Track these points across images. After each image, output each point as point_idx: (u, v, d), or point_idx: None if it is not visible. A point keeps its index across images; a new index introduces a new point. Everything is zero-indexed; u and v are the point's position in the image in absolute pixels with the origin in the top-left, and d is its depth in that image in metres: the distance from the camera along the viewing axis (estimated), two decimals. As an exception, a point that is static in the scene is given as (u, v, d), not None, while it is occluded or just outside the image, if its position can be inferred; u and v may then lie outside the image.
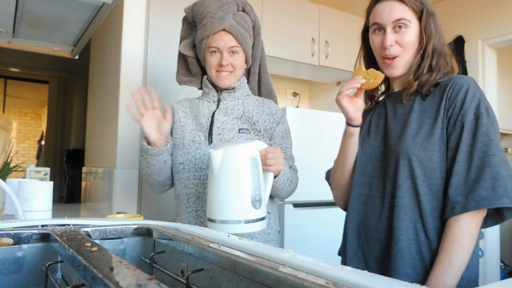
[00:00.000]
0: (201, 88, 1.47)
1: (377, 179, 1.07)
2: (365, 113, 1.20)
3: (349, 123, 1.11)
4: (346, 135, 1.14)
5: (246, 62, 1.41)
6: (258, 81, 1.50)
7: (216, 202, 1.07)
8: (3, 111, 6.89)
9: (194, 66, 1.45)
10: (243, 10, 1.39)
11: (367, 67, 1.10)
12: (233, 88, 1.38)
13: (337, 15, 3.01)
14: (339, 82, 3.44)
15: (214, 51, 1.33)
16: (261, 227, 1.08)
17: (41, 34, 2.41)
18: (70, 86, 4.90)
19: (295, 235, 2.37)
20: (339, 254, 1.20)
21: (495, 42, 2.94)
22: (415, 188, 0.98)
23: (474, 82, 1.00)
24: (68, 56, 2.88)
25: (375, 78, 1.02)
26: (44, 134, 5.18)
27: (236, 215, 1.04)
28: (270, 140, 1.38)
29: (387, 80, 1.18)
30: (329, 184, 1.27)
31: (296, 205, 2.41)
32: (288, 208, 2.39)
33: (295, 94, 3.62)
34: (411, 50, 1.04)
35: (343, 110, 1.07)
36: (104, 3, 1.90)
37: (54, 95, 4.92)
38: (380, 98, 1.21)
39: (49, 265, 0.66)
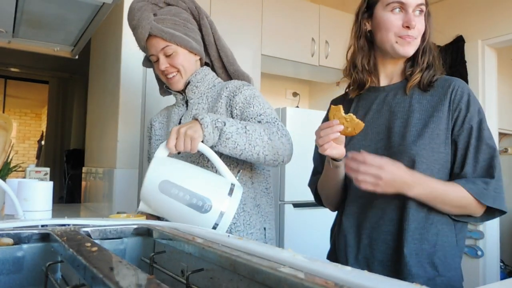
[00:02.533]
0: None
1: None
2: (340, 103, 1.15)
3: (333, 159, 1.04)
4: (332, 168, 1.07)
5: (195, 54, 1.31)
6: (223, 65, 1.39)
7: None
8: (3, 111, 6.88)
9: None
10: (169, 4, 1.30)
11: (357, 49, 1.10)
12: (189, 83, 1.31)
13: (337, 15, 3.01)
14: (339, 82, 3.44)
15: (155, 59, 1.29)
16: (230, 216, 1.00)
17: (41, 34, 2.41)
18: (70, 86, 4.89)
19: (295, 235, 2.37)
20: (328, 258, 1.17)
21: (495, 42, 2.94)
22: None
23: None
24: (68, 56, 2.87)
25: (355, 128, 0.95)
26: (44, 134, 5.18)
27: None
28: (232, 116, 1.24)
29: (368, 74, 1.13)
30: (312, 191, 1.25)
31: (296, 205, 2.41)
32: (288, 208, 2.39)
33: (295, 94, 3.62)
34: (420, 38, 1.06)
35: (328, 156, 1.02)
36: (104, 3, 1.90)
37: (54, 95, 4.91)
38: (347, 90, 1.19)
39: (49, 265, 0.66)
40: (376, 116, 1.09)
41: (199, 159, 1.27)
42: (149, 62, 1.39)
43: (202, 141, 1.06)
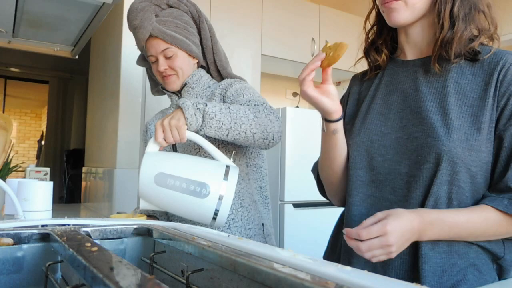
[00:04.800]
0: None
1: (392, 177, 0.85)
2: (359, 83, 1.01)
3: (327, 119, 0.88)
4: (327, 134, 0.91)
5: (194, 57, 1.33)
6: (217, 69, 1.40)
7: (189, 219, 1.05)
8: (3, 111, 6.89)
9: (154, 76, 1.42)
10: (171, 6, 1.30)
11: (377, 25, 0.95)
12: (185, 85, 1.32)
13: (337, 15, 3.01)
14: (339, 82, 3.44)
15: (153, 60, 1.30)
16: (230, 197, 1.00)
17: (41, 34, 2.42)
18: (70, 86, 4.90)
19: (295, 235, 2.38)
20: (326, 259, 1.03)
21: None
22: (449, 197, 0.79)
23: None
24: (68, 56, 2.88)
25: (336, 49, 0.81)
26: (44, 134, 5.18)
27: (204, 217, 1.00)
28: None
29: (395, 42, 0.96)
30: (315, 176, 1.10)
31: (296, 205, 2.41)
32: (288, 208, 2.39)
33: (295, 94, 3.62)
34: None
35: (315, 103, 0.84)
36: (104, 3, 1.90)
37: (54, 95, 4.92)
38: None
39: (49, 265, 0.66)
40: (401, 97, 0.88)
41: (198, 155, 1.27)
42: (144, 61, 1.40)
43: (187, 127, 1.04)
